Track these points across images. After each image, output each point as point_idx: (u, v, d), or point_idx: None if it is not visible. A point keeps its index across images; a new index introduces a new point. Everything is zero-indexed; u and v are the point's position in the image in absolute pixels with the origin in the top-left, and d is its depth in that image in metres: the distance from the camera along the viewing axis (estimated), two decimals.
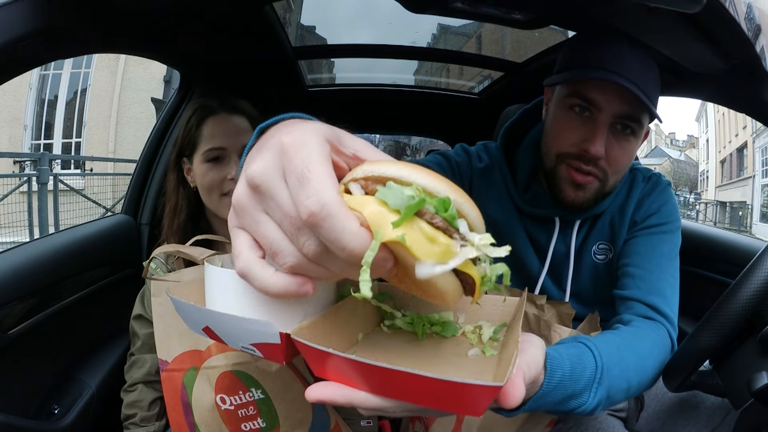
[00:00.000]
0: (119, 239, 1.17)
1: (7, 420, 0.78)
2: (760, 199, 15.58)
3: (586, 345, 0.57)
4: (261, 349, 0.36)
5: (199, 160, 0.89)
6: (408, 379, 0.29)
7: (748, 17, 0.69)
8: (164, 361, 0.72)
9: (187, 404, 0.70)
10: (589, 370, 0.54)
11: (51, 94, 8.38)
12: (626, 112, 0.69)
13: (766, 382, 0.52)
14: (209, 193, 0.89)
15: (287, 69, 1.45)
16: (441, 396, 0.30)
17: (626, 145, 0.72)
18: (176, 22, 0.88)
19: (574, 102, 0.72)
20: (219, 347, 0.67)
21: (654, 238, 0.77)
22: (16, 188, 5.20)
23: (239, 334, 0.36)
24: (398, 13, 0.95)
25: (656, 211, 0.80)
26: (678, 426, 0.86)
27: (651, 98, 0.68)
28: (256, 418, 0.68)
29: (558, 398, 0.50)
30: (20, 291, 0.84)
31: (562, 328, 0.67)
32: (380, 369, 0.30)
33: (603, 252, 0.83)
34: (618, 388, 0.58)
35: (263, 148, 0.32)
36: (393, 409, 0.34)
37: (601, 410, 0.57)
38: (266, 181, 0.30)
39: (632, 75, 0.67)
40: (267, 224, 0.31)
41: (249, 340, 0.36)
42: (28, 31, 0.62)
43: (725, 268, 1.19)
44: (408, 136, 2.67)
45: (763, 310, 0.55)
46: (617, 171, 0.74)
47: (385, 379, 0.31)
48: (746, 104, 0.85)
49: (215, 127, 0.89)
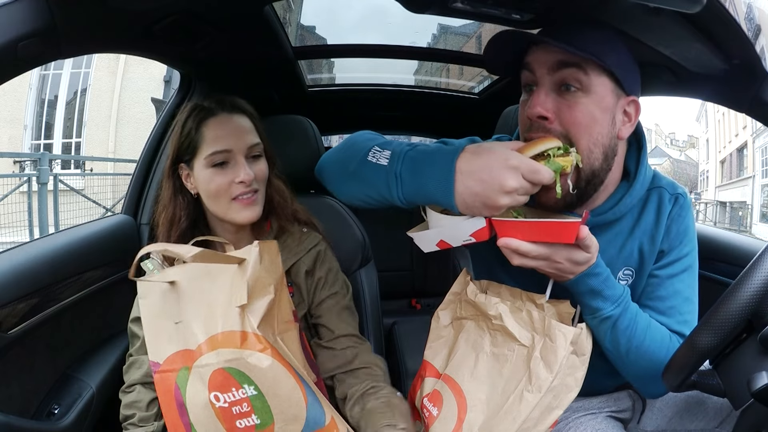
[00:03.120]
0: (119, 239, 1.17)
1: (6, 420, 0.78)
2: (760, 199, 15.58)
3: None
4: (474, 236, 0.65)
5: (202, 165, 0.83)
6: (536, 224, 0.63)
7: (748, 17, 0.69)
8: (156, 363, 0.71)
9: (181, 404, 0.70)
10: (617, 290, 0.71)
11: (51, 94, 8.38)
12: (558, 61, 0.67)
13: (766, 382, 0.52)
14: (216, 199, 0.84)
15: (287, 69, 1.45)
16: (550, 231, 0.62)
17: (575, 103, 0.68)
18: (176, 22, 0.88)
19: (524, 78, 0.73)
20: (210, 345, 0.67)
21: (676, 283, 0.78)
22: (16, 188, 5.19)
23: (461, 233, 0.65)
24: (398, 13, 0.95)
25: (681, 241, 0.78)
26: (685, 422, 0.86)
27: (588, 49, 0.66)
28: (250, 415, 0.67)
29: (593, 285, 0.69)
30: (20, 291, 0.84)
31: (567, 328, 0.67)
32: (524, 222, 0.64)
33: (627, 278, 0.80)
34: (624, 331, 0.72)
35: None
36: (533, 252, 0.63)
37: (610, 333, 0.72)
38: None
39: (561, 35, 0.68)
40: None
41: (468, 233, 0.65)
42: (28, 31, 0.62)
43: (725, 268, 1.19)
44: (408, 136, 2.68)
45: (763, 310, 0.55)
46: (584, 133, 0.69)
47: (526, 228, 0.63)
48: (746, 104, 0.85)
49: (217, 129, 0.83)
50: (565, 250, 0.64)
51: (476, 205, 0.61)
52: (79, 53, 0.80)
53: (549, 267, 0.65)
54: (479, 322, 0.78)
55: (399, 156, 0.67)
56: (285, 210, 0.94)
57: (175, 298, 0.71)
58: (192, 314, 0.69)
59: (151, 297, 0.73)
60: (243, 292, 0.66)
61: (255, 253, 0.69)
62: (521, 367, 0.70)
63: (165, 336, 0.71)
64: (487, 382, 0.73)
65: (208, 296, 0.69)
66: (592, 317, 0.72)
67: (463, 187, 0.61)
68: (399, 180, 0.66)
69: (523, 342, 0.71)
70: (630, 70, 0.71)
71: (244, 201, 0.84)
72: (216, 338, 0.67)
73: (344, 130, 2.76)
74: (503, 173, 0.59)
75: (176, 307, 0.71)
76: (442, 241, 0.68)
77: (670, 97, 1.05)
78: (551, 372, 0.67)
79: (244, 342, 0.66)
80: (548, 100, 0.69)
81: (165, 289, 0.72)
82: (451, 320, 0.82)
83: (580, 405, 0.89)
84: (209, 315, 0.68)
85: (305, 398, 0.69)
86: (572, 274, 0.67)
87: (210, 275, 0.70)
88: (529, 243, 0.63)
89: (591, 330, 0.72)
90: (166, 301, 0.71)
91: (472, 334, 0.78)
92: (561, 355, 0.66)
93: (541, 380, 0.67)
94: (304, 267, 0.91)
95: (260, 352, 0.65)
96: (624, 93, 0.71)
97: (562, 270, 0.66)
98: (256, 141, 0.86)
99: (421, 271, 2.20)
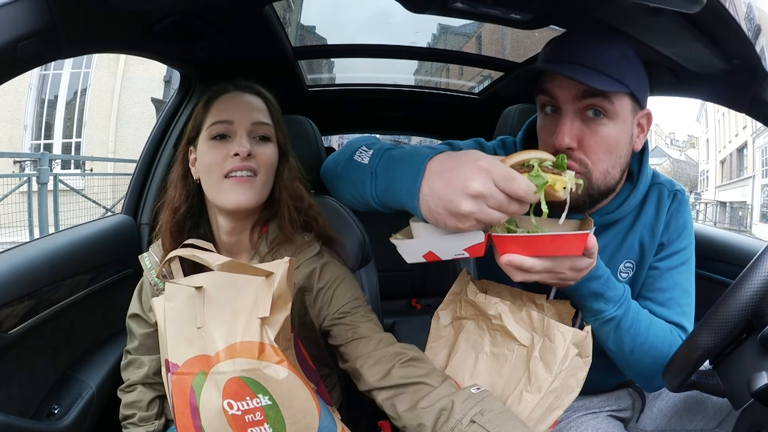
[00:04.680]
0: (119, 239, 1.17)
1: (6, 420, 0.78)
2: (760, 199, 15.57)
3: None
4: (469, 250, 0.60)
5: (204, 139, 0.77)
6: (542, 239, 0.59)
7: (748, 17, 0.69)
8: (175, 365, 0.71)
9: (195, 408, 0.70)
10: (618, 290, 0.71)
11: (51, 94, 8.37)
12: (584, 91, 0.67)
13: (766, 382, 0.53)
14: (209, 175, 0.76)
15: (287, 69, 1.45)
16: (557, 245, 0.59)
17: (600, 129, 0.68)
18: (176, 22, 0.88)
19: (540, 99, 0.73)
20: (228, 353, 0.67)
21: (675, 275, 0.80)
22: (16, 188, 5.19)
23: (454, 246, 0.60)
24: (398, 13, 0.95)
25: (679, 235, 0.80)
26: (684, 422, 0.87)
27: (611, 74, 0.66)
28: (262, 424, 0.68)
29: (595, 288, 0.69)
30: (20, 291, 0.84)
31: (566, 328, 0.67)
32: (528, 237, 0.60)
33: (627, 271, 0.81)
34: (628, 330, 0.71)
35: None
36: (537, 267, 0.60)
37: (613, 334, 0.72)
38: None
39: (581, 57, 0.66)
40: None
41: (462, 247, 0.60)
42: (28, 31, 0.62)
43: (725, 268, 1.19)
44: (408, 136, 2.68)
45: (763, 310, 0.55)
46: (601, 162, 0.70)
47: (531, 242, 0.60)
48: (746, 104, 0.85)
49: (224, 104, 0.78)
50: (568, 260, 0.62)
51: (439, 211, 0.55)
52: (79, 53, 0.80)
53: (551, 278, 0.64)
54: (479, 322, 0.78)
55: (378, 153, 0.66)
56: (292, 216, 0.83)
57: (200, 303, 0.71)
58: (214, 321, 0.70)
59: (176, 299, 0.73)
60: (267, 305, 0.66)
61: (284, 268, 0.68)
62: (521, 367, 0.70)
63: (186, 339, 0.71)
64: (486, 382, 0.73)
65: (233, 305, 0.70)
66: (594, 319, 0.71)
67: (428, 188, 0.56)
68: (374, 177, 0.64)
69: (522, 342, 0.71)
70: (644, 83, 0.72)
71: (236, 178, 0.75)
72: (235, 347, 0.67)
73: (344, 130, 2.76)
74: (469, 173, 0.53)
75: (200, 313, 0.71)
76: (431, 252, 0.62)
77: (670, 97, 1.04)
78: (550, 372, 0.67)
79: (261, 353, 0.66)
80: (574, 128, 0.68)
81: (191, 294, 0.72)
82: (451, 320, 0.82)
83: (581, 404, 0.89)
84: (231, 323, 0.68)
85: (318, 410, 0.69)
86: (574, 280, 0.65)
87: (236, 285, 0.70)
88: (532, 258, 0.60)
89: (593, 332, 0.72)
90: (191, 305, 0.72)
91: (472, 334, 0.78)
92: (560, 356, 0.66)
93: (541, 380, 0.67)
94: (297, 284, 0.82)
95: (277, 364, 0.66)
96: (639, 108, 0.72)
97: (565, 279, 0.64)
98: (263, 120, 0.79)
99: (421, 271, 2.19)
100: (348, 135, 2.93)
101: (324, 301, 0.81)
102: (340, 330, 0.79)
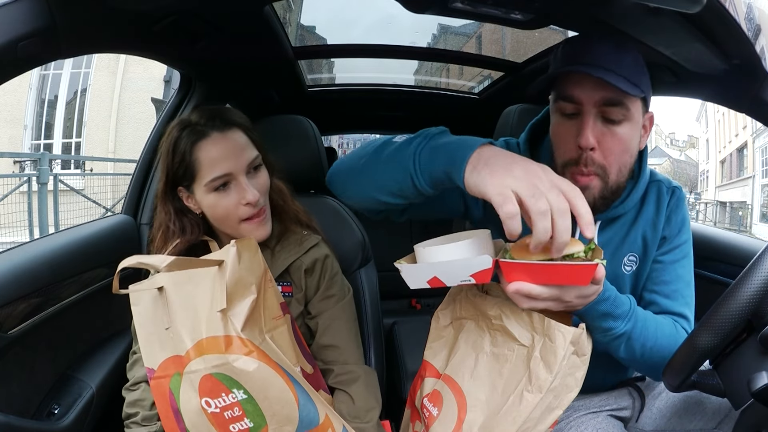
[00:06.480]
0: (119, 239, 1.17)
1: (6, 420, 0.78)
2: (760, 199, 15.57)
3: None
4: (475, 276, 0.59)
5: (203, 191, 0.80)
6: (552, 268, 0.57)
7: (748, 17, 0.69)
8: (151, 369, 0.71)
9: (176, 410, 0.70)
10: (625, 306, 0.71)
11: (51, 94, 8.38)
12: (606, 98, 0.69)
13: (766, 382, 0.53)
14: (224, 221, 0.83)
15: (287, 69, 1.45)
16: (567, 275, 0.57)
17: (618, 131, 0.71)
18: (176, 22, 0.88)
19: (561, 105, 0.74)
20: (196, 351, 0.67)
21: (678, 268, 0.83)
22: (16, 188, 5.19)
23: (460, 272, 0.59)
24: (398, 13, 0.95)
25: (680, 230, 0.84)
26: (684, 422, 0.87)
27: (631, 79, 0.68)
28: (242, 419, 0.67)
29: (603, 310, 0.69)
30: (20, 291, 0.84)
31: (566, 328, 0.67)
32: (538, 265, 0.57)
33: (631, 264, 0.84)
34: (638, 339, 0.72)
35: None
36: (544, 295, 0.59)
37: (624, 346, 0.72)
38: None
39: (604, 61, 0.68)
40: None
41: (468, 273, 0.58)
42: (28, 31, 0.62)
43: (725, 268, 1.19)
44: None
45: (763, 310, 0.55)
46: (615, 162, 0.73)
47: (541, 271, 0.58)
48: (746, 104, 0.85)
49: (213, 152, 0.78)
50: (575, 288, 0.61)
51: (482, 176, 0.54)
52: (79, 53, 0.80)
53: (557, 306, 0.63)
54: (479, 322, 0.78)
55: (419, 134, 0.66)
56: (287, 211, 0.94)
57: (164, 304, 0.71)
58: (179, 320, 0.69)
59: (142, 304, 0.72)
60: (222, 297, 0.65)
61: (233, 253, 0.68)
62: (521, 367, 0.70)
63: (157, 342, 0.70)
64: (487, 382, 0.73)
65: (193, 301, 0.69)
66: (603, 335, 0.72)
67: (482, 155, 0.56)
68: (420, 145, 0.63)
69: (522, 342, 0.71)
70: (650, 86, 0.74)
71: (254, 222, 0.83)
72: (202, 344, 0.66)
73: (344, 130, 2.76)
74: (542, 173, 0.53)
75: (165, 313, 0.70)
76: (436, 278, 0.62)
77: (670, 97, 1.05)
78: (551, 372, 0.67)
79: (228, 347, 0.65)
80: (596, 129, 0.71)
81: (155, 296, 0.71)
82: (451, 320, 0.82)
83: (580, 404, 0.89)
84: (195, 320, 0.68)
85: (296, 398, 0.68)
86: (581, 306, 0.66)
87: (193, 280, 0.70)
88: (540, 286, 0.59)
89: (604, 345, 0.73)
90: (156, 307, 0.71)
91: (472, 334, 0.78)
92: (560, 355, 0.66)
93: (541, 380, 0.67)
94: (304, 266, 0.91)
95: (246, 355, 0.65)
96: (646, 109, 0.76)
97: (572, 306, 0.64)
98: (254, 155, 0.83)
99: None
100: (348, 135, 2.93)
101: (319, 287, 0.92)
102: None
